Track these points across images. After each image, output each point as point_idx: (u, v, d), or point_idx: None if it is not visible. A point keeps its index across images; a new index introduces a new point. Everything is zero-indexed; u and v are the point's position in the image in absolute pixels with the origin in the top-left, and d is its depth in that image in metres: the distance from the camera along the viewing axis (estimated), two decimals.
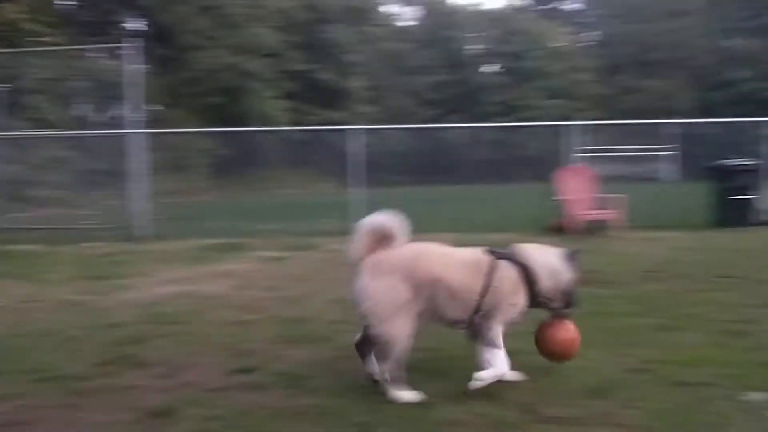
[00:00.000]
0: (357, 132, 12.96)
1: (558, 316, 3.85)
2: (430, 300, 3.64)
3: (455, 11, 41.93)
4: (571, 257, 3.84)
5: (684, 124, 22.48)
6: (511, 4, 45.62)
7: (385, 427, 3.25)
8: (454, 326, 3.82)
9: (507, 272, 3.68)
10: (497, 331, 3.68)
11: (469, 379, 3.54)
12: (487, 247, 3.83)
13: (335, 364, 4.21)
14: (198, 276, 7.57)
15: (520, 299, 3.71)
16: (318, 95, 32.50)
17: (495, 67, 38.75)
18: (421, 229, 11.54)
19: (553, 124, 13.86)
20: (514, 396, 3.63)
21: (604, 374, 3.91)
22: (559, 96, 36.37)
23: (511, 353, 3.69)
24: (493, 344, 3.66)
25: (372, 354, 3.75)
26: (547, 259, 3.79)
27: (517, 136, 25.81)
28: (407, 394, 3.59)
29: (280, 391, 3.79)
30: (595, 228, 10.78)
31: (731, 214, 11.49)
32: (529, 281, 3.70)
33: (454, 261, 3.75)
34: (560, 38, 39.11)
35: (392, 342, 3.55)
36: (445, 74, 36.85)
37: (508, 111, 35.02)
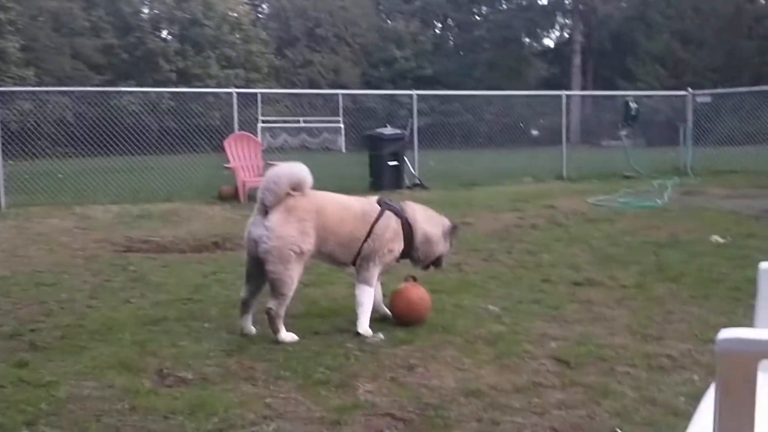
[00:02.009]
0: (10, 95, 11.50)
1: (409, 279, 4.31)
2: (324, 246, 3.97)
3: None
4: (452, 231, 4.38)
5: (351, 96, 24.11)
6: None
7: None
8: (340, 267, 4.36)
9: (390, 222, 4.10)
10: (373, 273, 4.10)
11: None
12: (379, 198, 4.27)
13: None
14: None
15: (397, 247, 4.14)
16: None
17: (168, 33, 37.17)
18: (84, 201, 10.70)
19: (228, 91, 13.79)
20: (151, 362, 3.55)
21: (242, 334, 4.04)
22: (236, 66, 36.33)
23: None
24: (366, 282, 4.08)
25: (250, 313, 4.02)
26: (430, 224, 4.26)
27: (192, 105, 25.19)
28: (288, 336, 3.85)
29: None
30: None
31: (387, 179, 12.69)
32: (407, 235, 4.16)
33: (350, 213, 4.06)
34: (236, 8, 38.93)
35: (287, 282, 3.81)
36: (114, 37, 34.27)
37: (185, 80, 33.98)
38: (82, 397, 3.12)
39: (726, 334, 1.19)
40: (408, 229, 4.18)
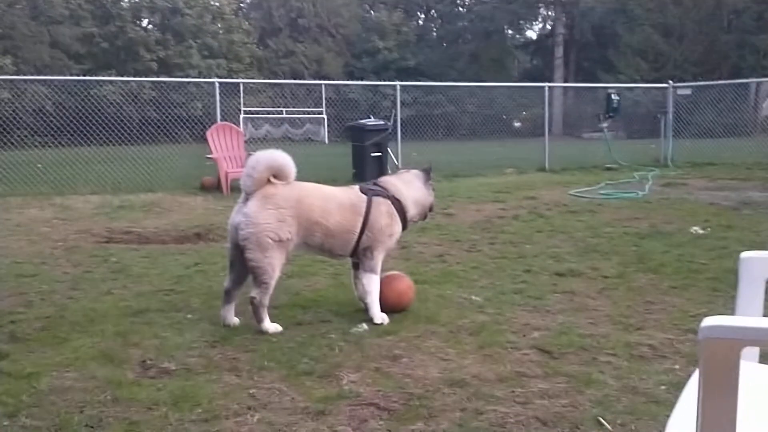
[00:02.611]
0: None
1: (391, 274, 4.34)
2: (310, 238, 3.95)
3: None
4: (427, 176, 4.38)
5: (333, 87, 24.05)
6: None
7: None
8: (337, 259, 4.37)
9: (381, 208, 4.09)
10: (378, 260, 4.12)
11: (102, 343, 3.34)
12: (360, 186, 4.25)
13: None
14: None
15: (396, 229, 4.17)
16: None
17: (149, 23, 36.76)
18: (64, 191, 10.60)
19: (210, 81, 13.65)
20: (134, 353, 3.53)
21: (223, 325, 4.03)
22: (217, 56, 36.04)
23: None
24: (372, 270, 4.10)
25: (233, 303, 4.00)
26: (412, 189, 4.27)
27: (174, 95, 24.97)
28: (271, 326, 3.86)
29: None
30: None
31: (370, 170, 12.66)
32: (401, 212, 4.18)
33: (334, 204, 4.02)
34: None
35: (267, 270, 3.80)
36: (94, 26, 33.81)
37: (166, 70, 33.66)
38: (64, 388, 3.09)
39: (709, 321, 1.21)
40: (399, 205, 4.19)
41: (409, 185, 4.30)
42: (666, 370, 3.25)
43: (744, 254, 1.96)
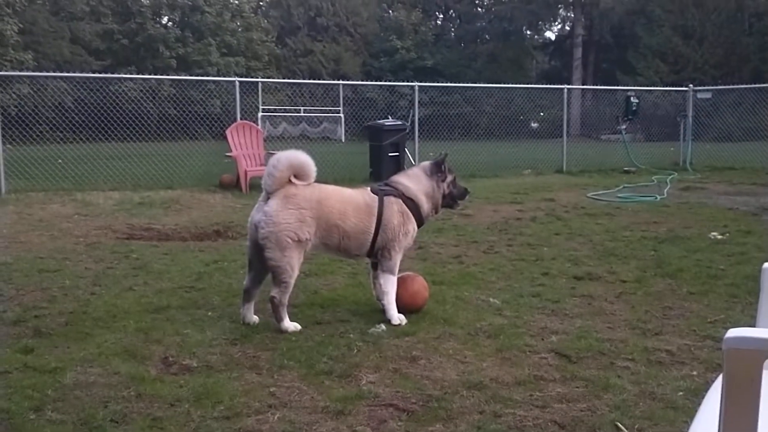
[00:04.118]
0: (8, 79, 11.46)
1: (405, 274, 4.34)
2: (329, 238, 3.99)
3: None
4: (436, 167, 4.32)
5: (351, 86, 24.11)
6: None
7: (2, 398, 2.96)
8: (355, 259, 4.48)
9: (393, 207, 4.12)
10: (396, 260, 4.16)
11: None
12: (371, 186, 4.27)
13: None
14: None
15: (411, 227, 4.20)
16: None
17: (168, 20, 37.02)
18: (84, 187, 10.72)
19: (231, 80, 13.75)
20: (156, 350, 3.59)
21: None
22: (236, 54, 36.23)
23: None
24: (390, 271, 4.14)
25: (252, 302, 4.05)
26: (421, 183, 4.27)
27: (193, 92, 25.16)
28: (290, 325, 3.90)
29: None
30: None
31: (387, 169, 12.68)
32: (414, 209, 4.20)
33: (352, 205, 4.06)
34: None
35: (286, 269, 3.84)
36: (114, 23, 34.12)
37: (185, 67, 33.91)
38: (88, 383, 3.16)
39: (734, 333, 1.23)
40: (412, 203, 4.20)
41: (416, 180, 4.30)
42: (684, 376, 3.25)
43: (767, 264, 1.97)
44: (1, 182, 10.49)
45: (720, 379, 1.38)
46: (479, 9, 48.01)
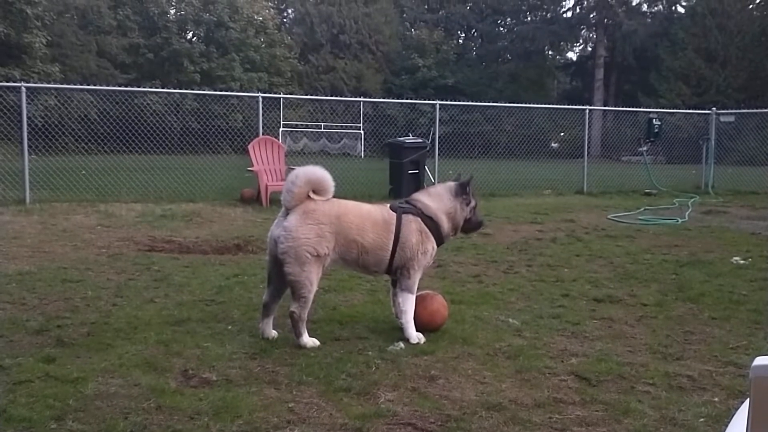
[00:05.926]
0: (36, 91, 11.65)
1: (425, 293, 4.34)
2: (347, 254, 4.01)
3: None
4: (463, 188, 4.31)
5: (371, 103, 24.23)
6: None
7: (24, 407, 3.00)
8: (373, 275, 4.48)
9: (411, 226, 4.11)
10: (415, 279, 4.14)
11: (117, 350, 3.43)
12: (390, 203, 4.26)
13: None
14: None
15: (430, 246, 4.16)
16: None
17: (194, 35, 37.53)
18: (107, 199, 10.81)
19: (254, 96, 13.90)
20: (176, 362, 3.62)
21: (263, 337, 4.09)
22: (259, 69, 36.62)
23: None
24: (408, 290, 4.12)
25: (271, 317, 4.08)
26: (442, 203, 4.24)
27: (216, 107, 25.47)
28: (309, 341, 3.92)
29: None
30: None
31: (407, 187, 12.72)
32: (434, 229, 4.17)
33: (370, 221, 4.06)
34: (261, 12, 39.27)
35: (305, 285, 3.86)
36: (140, 37, 34.68)
37: (209, 81, 34.35)
38: (109, 394, 3.19)
39: (761, 361, 1.23)
40: (431, 222, 4.19)
41: (438, 199, 4.28)
42: (705, 402, 3.22)
43: None
44: (27, 192, 10.65)
45: (744, 406, 1.37)
46: (501, 29, 48.22)
